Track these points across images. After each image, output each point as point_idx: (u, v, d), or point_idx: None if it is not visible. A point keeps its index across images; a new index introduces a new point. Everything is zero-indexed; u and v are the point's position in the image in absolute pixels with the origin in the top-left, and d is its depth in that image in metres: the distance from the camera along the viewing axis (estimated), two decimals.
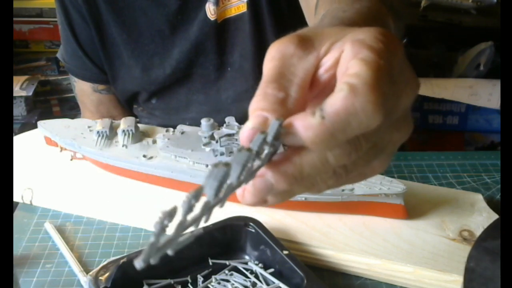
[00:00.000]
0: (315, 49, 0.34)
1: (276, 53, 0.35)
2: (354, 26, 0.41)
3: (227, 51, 0.90)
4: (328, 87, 0.33)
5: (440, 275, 0.60)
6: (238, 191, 0.32)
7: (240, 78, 0.91)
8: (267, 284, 0.58)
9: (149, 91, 0.95)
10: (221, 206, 0.29)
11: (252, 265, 0.60)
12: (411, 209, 0.68)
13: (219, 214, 0.64)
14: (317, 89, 0.34)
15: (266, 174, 0.32)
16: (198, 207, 0.27)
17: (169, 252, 0.26)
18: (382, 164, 0.36)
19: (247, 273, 0.60)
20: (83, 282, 0.60)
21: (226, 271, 0.60)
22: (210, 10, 0.86)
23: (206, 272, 0.60)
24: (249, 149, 0.29)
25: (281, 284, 0.57)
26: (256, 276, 0.59)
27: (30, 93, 1.62)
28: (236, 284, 0.58)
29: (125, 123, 0.77)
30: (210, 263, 0.61)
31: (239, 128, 0.69)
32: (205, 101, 0.94)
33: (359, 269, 0.63)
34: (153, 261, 0.26)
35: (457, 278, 0.59)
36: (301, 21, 0.86)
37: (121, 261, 0.57)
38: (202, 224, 0.28)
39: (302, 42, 0.34)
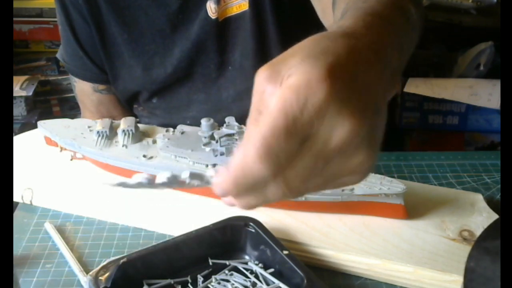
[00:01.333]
0: (282, 79, 0.36)
1: (255, 88, 0.37)
2: (376, 15, 0.43)
3: (228, 49, 0.90)
4: None
5: (440, 275, 0.60)
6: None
7: (241, 77, 0.91)
8: (267, 284, 0.58)
9: (150, 90, 0.95)
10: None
11: (252, 265, 0.60)
12: (411, 209, 0.68)
13: (219, 214, 0.64)
14: None
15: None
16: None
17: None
18: (353, 177, 0.39)
19: (247, 273, 0.60)
20: (83, 282, 0.60)
21: (226, 271, 0.60)
22: (211, 8, 0.86)
23: (206, 272, 0.60)
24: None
25: (281, 284, 0.57)
26: (256, 276, 0.59)
27: (30, 93, 1.62)
28: (236, 284, 0.58)
29: (125, 123, 0.77)
30: (210, 263, 0.61)
31: (239, 128, 0.69)
32: (206, 100, 0.94)
33: (359, 269, 0.63)
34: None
35: (457, 278, 0.59)
36: (303, 18, 0.85)
37: (121, 261, 0.57)
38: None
39: (271, 75, 0.36)
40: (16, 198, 0.75)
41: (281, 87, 0.35)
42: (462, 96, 1.51)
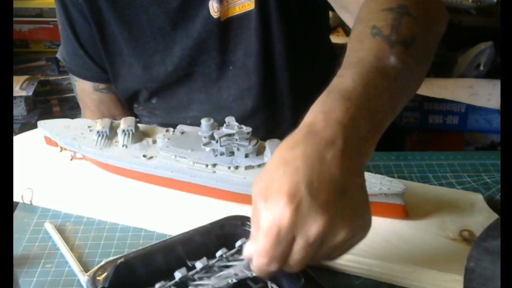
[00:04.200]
0: (267, 197, 0.48)
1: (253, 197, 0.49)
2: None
3: (230, 49, 0.90)
4: None
5: (440, 275, 0.60)
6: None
7: (243, 76, 0.91)
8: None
9: (150, 89, 0.95)
10: None
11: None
12: (411, 209, 0.68)
13: (219, 214, 0.64)
14: None
15: None
16: None
17: None
18: (350, 243, 0.49)
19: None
20: (83, 282, 0.60)
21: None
22: (213, 7, 0.86)
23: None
24: None
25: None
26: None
27: (30, 93, 1.62)
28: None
29: (125, 123, 0.77)
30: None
31: (239, 128, 0.69)
32: (206, 100, 0.94)
33: (359, 269, 0.63)
34: None
35: (457, 278, 0.59)
36: (307, 16, 0.85)
37: (119, 261, 0.57)
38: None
39: (259, 192, 0.48)
40: (16, 198, 0.75)
41: (266, 204, 0.46)
42: (462, 96, 1.51)
